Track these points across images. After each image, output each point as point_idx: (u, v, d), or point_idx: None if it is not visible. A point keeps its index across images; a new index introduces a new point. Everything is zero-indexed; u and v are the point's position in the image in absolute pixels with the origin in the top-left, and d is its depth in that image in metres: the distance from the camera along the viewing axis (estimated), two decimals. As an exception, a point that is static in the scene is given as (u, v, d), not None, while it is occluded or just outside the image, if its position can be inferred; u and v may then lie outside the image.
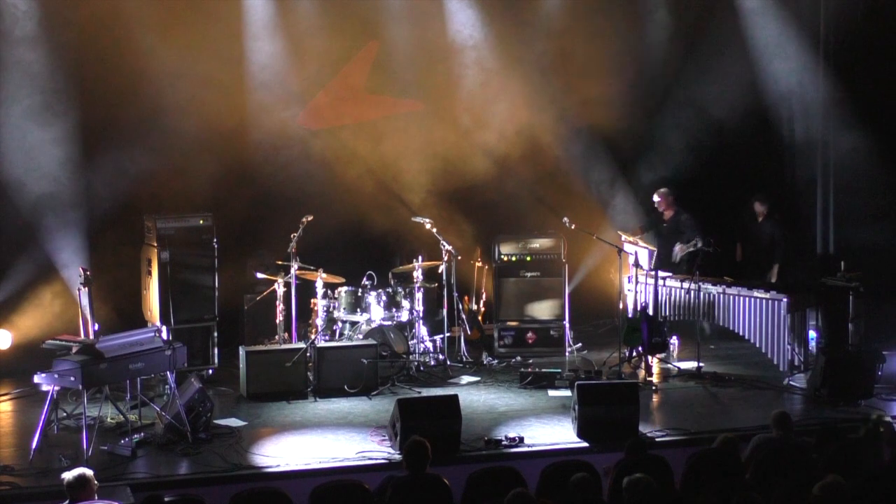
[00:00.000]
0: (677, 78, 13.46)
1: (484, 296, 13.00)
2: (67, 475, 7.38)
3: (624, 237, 12.58)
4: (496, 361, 12.65)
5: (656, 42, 13.42)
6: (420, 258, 12.66)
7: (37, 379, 9.82)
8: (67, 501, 7.31)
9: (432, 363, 12.32)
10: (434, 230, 12.38)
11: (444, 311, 12.80)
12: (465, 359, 12.51)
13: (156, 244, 11.68)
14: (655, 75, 13.52)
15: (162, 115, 12.20)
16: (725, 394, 11.39)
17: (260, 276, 12.67)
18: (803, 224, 13.50)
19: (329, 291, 12.08)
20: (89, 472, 7.41)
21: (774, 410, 8.96)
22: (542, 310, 12.89)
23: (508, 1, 13.54)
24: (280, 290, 11.97)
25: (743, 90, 13.28)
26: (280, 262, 12.38)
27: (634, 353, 12.09)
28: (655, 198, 12.99)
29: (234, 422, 10.49)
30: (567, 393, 11.20)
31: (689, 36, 13.28)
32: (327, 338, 11.86)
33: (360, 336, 11.82)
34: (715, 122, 13.24)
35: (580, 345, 12.96)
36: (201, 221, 11.88)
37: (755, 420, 10.38)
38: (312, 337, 11.81)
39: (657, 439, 9.87)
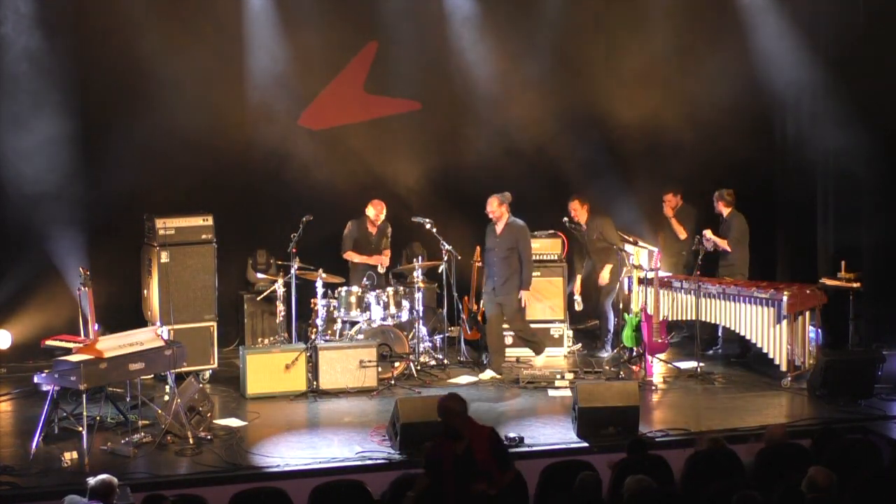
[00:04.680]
0: (676, 75, 13.45)
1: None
2: (92, 480, 7.44)
3: (624, 237, 12.58)
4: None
5: (657, 39, 13.42)
6: (420, 258, 12.67)
7: (37, 379, 9.83)
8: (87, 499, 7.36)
9: (432, 363, 12.32)
10: (434, 230, 12.38)
11: (444, 311, 12.82)
12: (465, 359, 12.51)
13: (156, 244, 11.68)
14: (656, 73, 13.52)
15: (162, 114, 12.20)
16: (725, 394, 11.39)
17: (260, 276, 12.69)
18: (803, 224, 13.48)
19: (329, 291, 12.08)
20: (115, 480, 7.46)
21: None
22: (542, 310, 12.87)
23: (509, 0, 13.56)
24: (280, 290, 11.98)
25: (741, 88, 13.27)
26: (280, 262, 12.40)
27: (634, 353, 12.10)
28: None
29: (234, 422, 10.50)
30: (567, 393, 11.22)
31: (688, 33, 13.28)
32: (327, 338, 11.86)
33: (361, 336, 11.81)
34: (712, 121, 13.23)
35: (580, 345, 12.95)
36: (201, 221, 11.88)
37: (754, 420, 10.40)
38: (312, 337, 11.81)
39: (657, 439, 9.88)
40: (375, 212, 12.38)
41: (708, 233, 12.31)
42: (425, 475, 7.60)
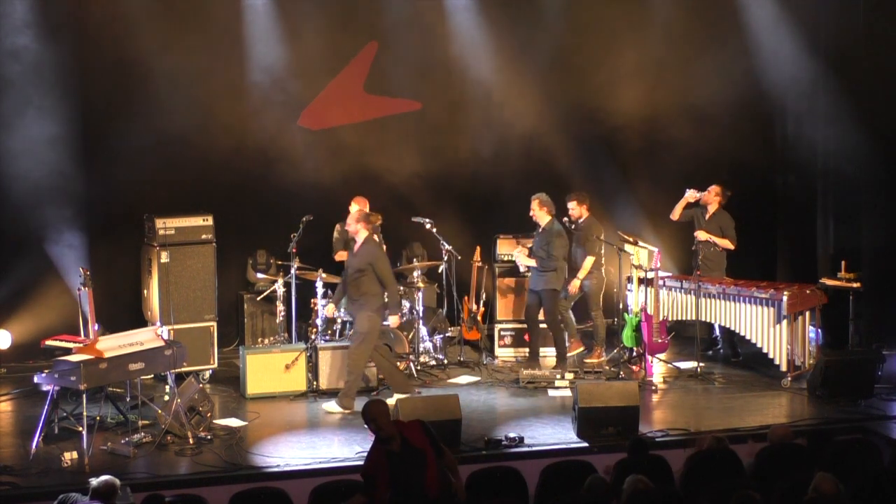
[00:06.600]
0: (676, 75, 13.46)
1: (484, 296, 13.00)
2: (94, 480, 7.46)
3: (624, 237, 12.57)
4: (496, 361, 12.67)
5: (656, 39, 13.43)
6: (420, 258, 12.66)
7: (37, 379, 9.84)
8: (88, 497, 7.37)
9: (432, 363, 12.32)
10: (434, 230, 12.39)
11: (444, 311, 12.83)
12: (464, 359, 12.51)
13: (156, 244, 11.68)
14: (656, 73, 13.53)
15: (162, 115, 12.21)
16: (725, 394, 11.39)
17: (260, 276, 12.69)
18: (803, 224, 13.49)
19: (329, 291, 12.07)
20: (117, 481, 7.47)
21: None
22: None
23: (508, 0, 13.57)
24: (280, 290, 11.98)
25: (740, 87, 13.28)
26: (280, 262, 12.40)
27: (634, 353, 12.10)
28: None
29: (234, 422, 10.50)
30: (567, 393, 11.22)
31: (688, 32, 13.28)
32: (327, 338, 11.85)
33: (360, 336, 11.80)
34: (712, 120, 13.25)
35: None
36: (201, 221, 11.88)
37: (755, 420, 10.41)
38: (312, 337, 11.81)
39: (657, 439, 9.88)
40: (359, 208, 12.29)
41: (702, 234, 12.31)
42: (361, 493, 7.58)
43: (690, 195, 12.40)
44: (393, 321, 10.99)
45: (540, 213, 12.10)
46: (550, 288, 12.02)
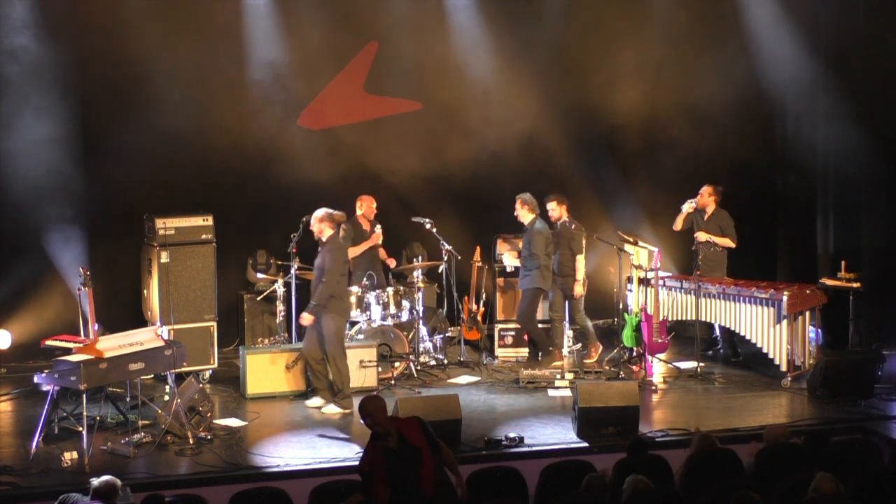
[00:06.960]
0: (677, 75, 13.46)
1: (484, 296, 13.01)
2: (95, 480, 7.48)
3: (624, 237, 12.56)
4: (496, 361, 12.67)
5: (657, 39, 13.43)
6: (420, 258, 12.67)
7: (37, 379, 9.84)
8: (88, 498, 7.37)
9: (432, 363, 12.32)
10: (434, 230, 12.39)
11: (444, 311, 12.82)
12: (464, 359, 12.51)
13: (156, 244, 11.68)
14: (657, 74, 13.53)
15: (162, 114, 12.21)
16: (725, 394, 11.39)
17: (260, 276, 12.69)
18: (803, 224, 13.49)
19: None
20: (118, 481, 7.48)
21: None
22: (541, 309, 12.86)
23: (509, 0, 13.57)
24: (280, 290, 11.98)
25: (741, 87, 13.28)
26: (280, 262, 12.40)
27: (634, 353, 12.10)
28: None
29: (234, 422, 10.50)
30: (567, 393, 11.22)
31: (688, 33, 13.28)
32: (327, 338, 11.84)
33: (361, 336, 11.81)
34: (712, 120, 13.25)
35: (579, 345, 12.93)
36: (201, 221, 11.88)
37: (755, 420, 10.41)
38: (312, 337, 11.81)
39: (657, 439, 9.88)
40: (367, 206, 12.34)
41: (702, 235, 12.31)
42: (359, 492, 7.55)
43: (688, 206, 12.40)
44: (303, 318, 10.76)
45: (522, 213, 12.16)
46: (533, 287, 12.10)
